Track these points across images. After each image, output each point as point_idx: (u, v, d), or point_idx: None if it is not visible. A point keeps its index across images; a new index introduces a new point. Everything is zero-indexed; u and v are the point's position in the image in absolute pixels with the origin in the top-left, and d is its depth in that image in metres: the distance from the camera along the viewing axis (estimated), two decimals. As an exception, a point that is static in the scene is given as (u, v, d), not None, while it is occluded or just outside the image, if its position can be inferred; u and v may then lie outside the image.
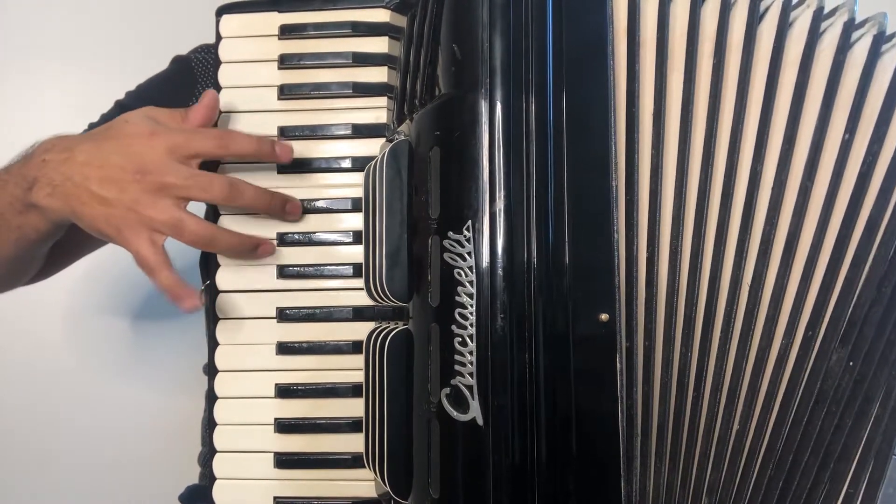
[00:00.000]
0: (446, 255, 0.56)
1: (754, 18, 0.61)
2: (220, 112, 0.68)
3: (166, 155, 0.62)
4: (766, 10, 0.62)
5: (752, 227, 0.60)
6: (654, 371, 0.59)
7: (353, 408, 0.66)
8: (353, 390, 0.66)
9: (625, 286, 0.58)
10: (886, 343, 0.59)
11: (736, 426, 0.61)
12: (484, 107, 0.56)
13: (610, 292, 0.56)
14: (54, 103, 1.29)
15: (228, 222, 0.68)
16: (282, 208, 0.66)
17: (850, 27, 0.61)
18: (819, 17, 0.61)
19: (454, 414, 0.55)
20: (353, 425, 0.66)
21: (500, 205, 0.55)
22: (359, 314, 0.67)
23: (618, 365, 0.56)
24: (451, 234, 0.55)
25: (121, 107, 0.83)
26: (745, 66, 0.61)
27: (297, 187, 0.68)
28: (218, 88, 0.68)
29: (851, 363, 0.60)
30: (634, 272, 0.58)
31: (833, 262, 0.60)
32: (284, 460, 0.67)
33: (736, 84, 0.61)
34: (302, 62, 0.68)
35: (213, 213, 0.68)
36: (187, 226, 0.62)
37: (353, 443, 0.66)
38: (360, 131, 0.68)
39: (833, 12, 0.63)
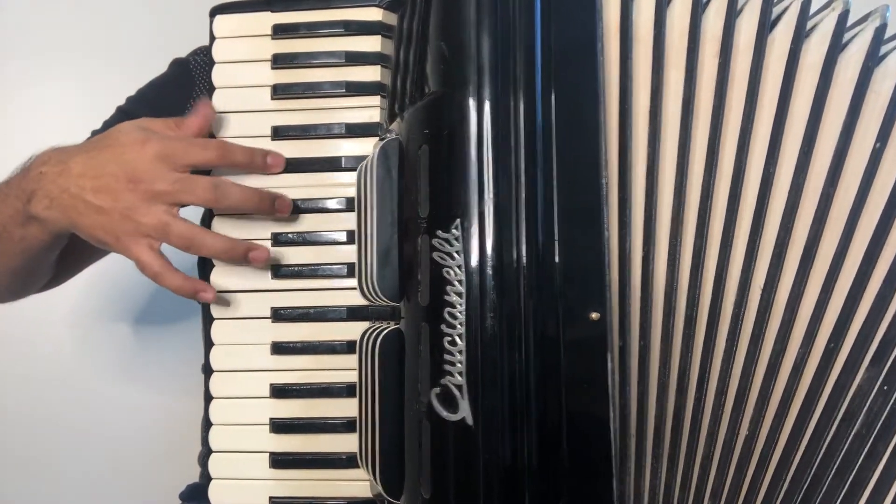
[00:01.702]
0: (435, 255, 0.55)
1: (766, 20, 0.59)
2: (215, 112, 0.68)
3: (157, 162, 0.62)
4: (784, 11, 0.60)
5: (763, 231, 0.59)
6: (650, 371, 0.58)
7: (348, 407, 0.66)
8: (348, 390, 0.66)
9: (618, 285, 0.57)
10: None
11: (744, 431, 0.60)
12: (472, 105, 0.55)
13: (601, 291, 0.55)
14: (55, 108, 1.30)
15: (221, 222, 0.68)
16: (270, 206, 0.65)
17: (881, 33, 0.59)
18: (843, 21, 0.60)
19: (444, 414, 0.55)
20: (347, 425, 0.66)
21: (488, 203, 0.55)
22: (353, 314, 0.67)
23: (609, 364, 0.55)
24: (439, 233, 0.55)
25: (122, 112, 0.83)
26: (756, 67, 0.59)
27: (291, 187, 0.68)
28: (213, 89, 0.69)
29: (886, 387, 0.58)
30: (628, 271, 0.57)
31: (861, 275, 0.58)
32: (279, 460, 0.67)
33: (745, 85, 0.59)
34: (295, 62, 0.68)
35: (208, 214, 0.69)
36: (173, 229, 0.62)
37: (348, 443, 0.66)
38: (354, 130, 0.67)
39: (865, 18, 0.61)
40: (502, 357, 0.55)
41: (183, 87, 0.80)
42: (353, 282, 0.66)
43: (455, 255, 0.55)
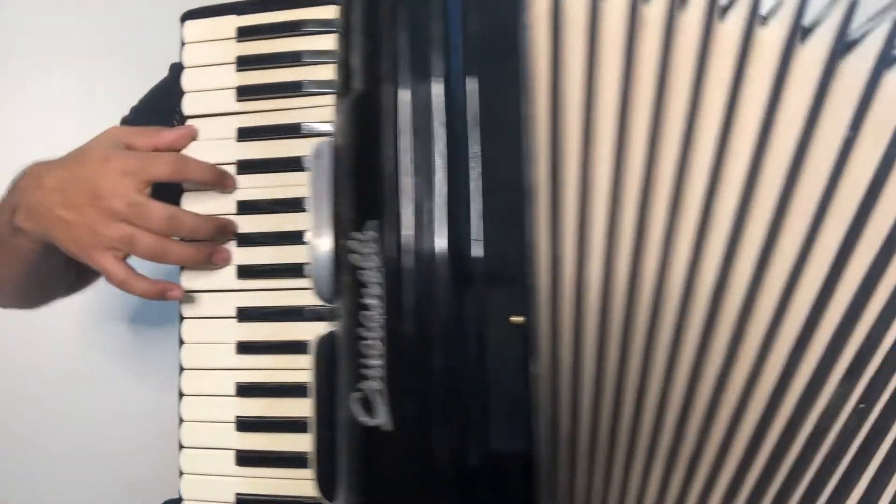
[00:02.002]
0: (355, 256, 0.54)
1: (714, 7, 0.54)
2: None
3: (120, 179, 0.65)
4: None
5: (711, 231, 0.53)
6: (583, 379, 0.55)
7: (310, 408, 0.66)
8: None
9: (549, 288, 0.54)
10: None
11: (690, 445, 0.55)
12: (389, 102, 0.53)
13: (526, 294, 0.52)
14: (56, 107, 1.34)
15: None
16: (223, 233, 0.69)
17: (851, 13, 0.53)
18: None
19: (363, 418, 0.54)
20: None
21: (406, 204, 0.53)
22: (316, 314, 0.67)
23: (534, 370, 0.52)
24: (358, 234, 0.54)
25: (126, 123, 0.86)
26: (703, 51, 0.53)
27: (257, 187, 0.69)
28: None
29: (863, 405, 0.52)
30: (560, 273, 0.54)
31: (831, 280, 0.51)
32: (244, 458, 0.68)
33: (691, 74, 0.53)
34: (258, 63, 0.69)
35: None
36: (139, 241, 0.65)
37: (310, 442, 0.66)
38: (315, 129, 0.67)
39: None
40: (421, 362, 0.53)
41: (175, 89, 0.82)
42: (315, 282, 0.66)
43: (373, 256, 0.53)
